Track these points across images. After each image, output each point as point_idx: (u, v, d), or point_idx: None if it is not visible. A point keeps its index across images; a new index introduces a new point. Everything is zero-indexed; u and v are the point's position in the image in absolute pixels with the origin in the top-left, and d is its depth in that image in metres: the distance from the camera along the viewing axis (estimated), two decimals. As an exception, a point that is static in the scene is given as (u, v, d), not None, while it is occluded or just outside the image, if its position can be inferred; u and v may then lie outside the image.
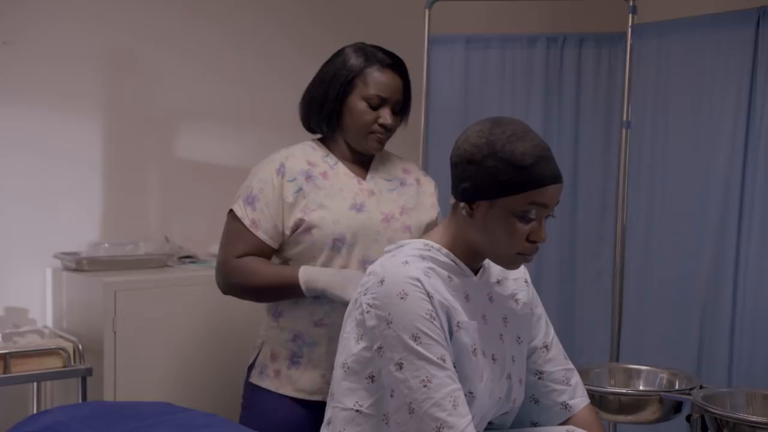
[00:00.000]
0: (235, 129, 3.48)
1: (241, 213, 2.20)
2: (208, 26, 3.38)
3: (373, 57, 2.21)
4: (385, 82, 2.19)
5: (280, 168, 2.22)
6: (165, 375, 2.82)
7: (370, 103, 2.19)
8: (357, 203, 2.18)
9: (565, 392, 1.84)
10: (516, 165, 1.58)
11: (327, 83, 2.24)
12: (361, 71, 2.19)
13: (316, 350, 2.17)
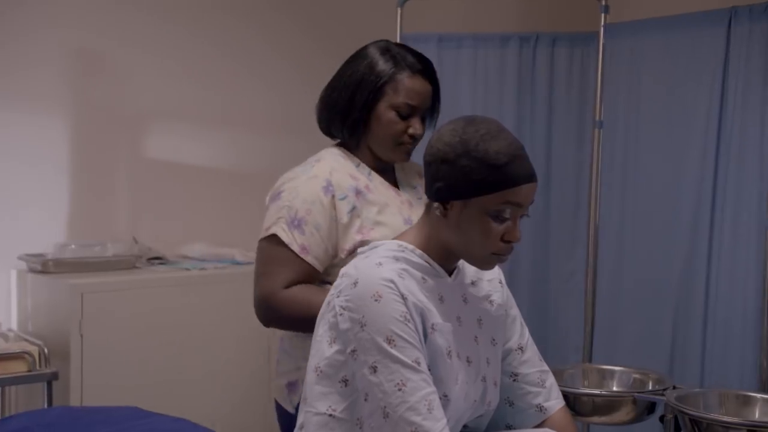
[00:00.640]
0: (206, 129, 3.46)
1: (288, 238, 1.99)
2: (178, 25, 3.35)
3: (403, 61, 2.05)
4: (416, 90, 2.05)
5: (327, 186, 2.02)
6: (134, 379, 2.78)
7: (399, 112, 2.05)
8: (405, 217, 2.06)
9: (540, 394, 1.82)
10: (490, 164, 1.56)
11: (353, 88, 2.07)
12: (391, 78, 2.04)
13: None
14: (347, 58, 2.16)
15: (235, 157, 3.56)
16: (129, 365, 2.78)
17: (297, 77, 3.67)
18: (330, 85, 2.15)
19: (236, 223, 3.51)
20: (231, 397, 3.09)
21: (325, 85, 2.19)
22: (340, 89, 2.10)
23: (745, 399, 2.52)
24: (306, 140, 3.72)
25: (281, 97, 3.65)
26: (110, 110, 3.21)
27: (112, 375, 2.73)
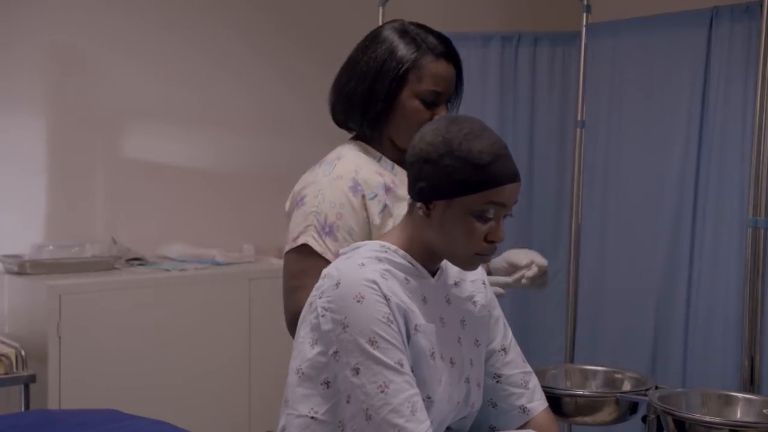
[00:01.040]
0: (184, 129, 3.44)
1: (320, 247, 1.83)
2: (156, 25, 3.33)
3: (424, 44, 1.91)
4: (441, 75, 1.91)
5: (354, 186, 1.88)
6: (112, 381, 2.76)
7: (424, 99, 1.90)
8: None
9: (523, 396, 1.81)
10: (473, 164, 1.55)
11: (372, 77, 1.91)
12: (414, 63, 1.89)
13: None
14: (360, 43, 1.99)
15: (214, 156, 3.54)
16: (108, 368, 2.76)
17: (275, 77, 3.65)
18: (344, 73, 1.99)
19: (216, 223, 3.49)
20: (211, 400, 3.07)
21: (337, 74, 2.03)
22: (357, 78, 1.94)
23: (727, 399, 2.52)
24: (284, 139, 3.73)
25: (260, 96, 3.63)
26: (88, 110, 3.18)
27: (91, 377, 2.70)
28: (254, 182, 3.64)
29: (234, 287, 3.16)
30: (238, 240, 3.48)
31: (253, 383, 3.17)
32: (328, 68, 3.72)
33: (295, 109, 3.73)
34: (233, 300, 3.15)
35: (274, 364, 3.00)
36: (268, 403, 3.06)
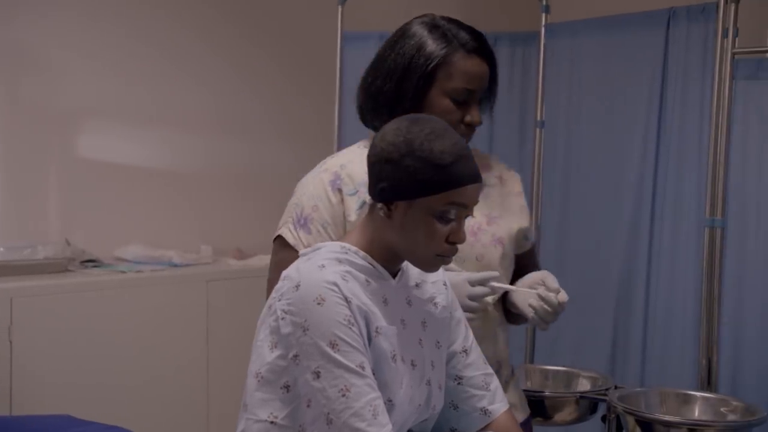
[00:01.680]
0: (140, 128, 3.40)
1: (293, 239, 1.84)
2: (111, 23, 3.29)
3: (455, 39, 1.83)
4: (473, 72, 1.81)
5: (334, 180, 1.85)
6: (66, 386, 2.73)
7: (455, 98, 1.82)
8: None
9: (484, 397, 1.80)
10: (435, 164, 1.54)
11: (400, 74, 1.84)
12: (444, 59, 1.81)
13: None
14: (388, 39, 1.92)
15: (171, 156, 3.50)
16: (61, 372, 2.71)
17: (233, 76, 3.62)
18: (371, 71, 1.92)
19: (173, 224, 3.45)
20: (168, 404, 3.04)
21: (366, 71, 1.94)
22: (384, 76, 1.87)
23: (685, 397, 2.55)
24: (243, 139, 3.70)
25: (217, 96, 3.59)
26: (41, 108, 3.12)
27: (44, 382, 2.66)
28: (212, 182, 3.61)
29: (191, 289, 3.14)
30: (196, 241, 3.44)
31: (211, 387, 3.15)
32: (287, 67, 3.73)
33: (254, 108, 3.70)
34: (191, 302, 3.13)
35: (232, 367, 2.98)
36: (226, 407, 3.03)
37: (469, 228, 1.85)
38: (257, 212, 3.71)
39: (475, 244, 1.87)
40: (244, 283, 3.24)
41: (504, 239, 1.89)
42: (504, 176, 1.97)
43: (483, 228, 1.88)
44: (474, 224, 1.88)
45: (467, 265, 1.86)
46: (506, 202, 1.93)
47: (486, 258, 1.87)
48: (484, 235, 1.88)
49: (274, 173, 3.77)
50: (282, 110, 3.76)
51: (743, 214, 2.98)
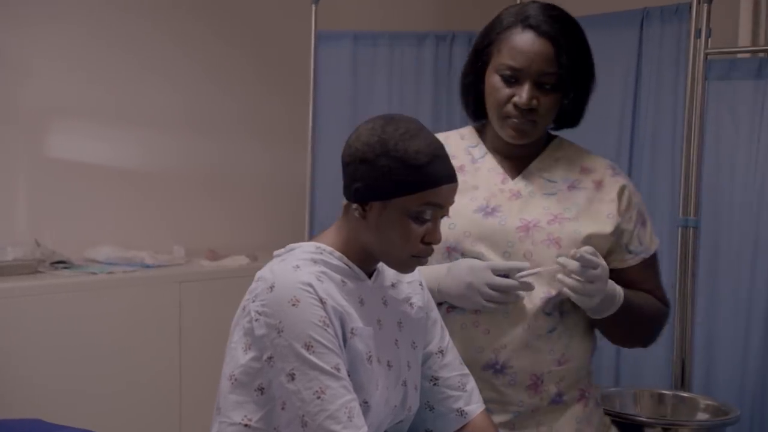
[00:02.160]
0: (110, 128, 3.37)
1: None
2: (80, 22, 3.26)
3: (521, 16, 1.76)
4: (521, 48, 1.73)
5: None
6: (37, 389, 2.69)
7: (502, 74, 1.75)
8: (489, 206, 1.81)
9: (460, 398, 1.79)
10: (410, 164, 1.53)
11: (470, 56, 1.83)
12: (498, 36, 1.76)
13: None
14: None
15: (142, 156, 3.46)
16: (32, 375, 2.68)
17: (205, 75, 3.59)
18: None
19: (144, 224, 3.42)
20: (140, 407, 3.01)
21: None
22: (465, 63, 1.86)
23: (659, 397, 2.56)
24: (214, 139, 3.67)
25: (188, 95, 3.57)
26: (9, 108, 3.09)
27: (14, 386, 2.63)
28: (183, 182, 3.57)
29: (163, 290, 3.11)
30: (168, 242, 3.41)
31: (183, 390, 3.12)
32: (259, 67, 3.71)
33: (227, 108, 3.68)
34: (163, 304, 3.10)
35: (205, 370, 2.95)
36: (199, 411, 3.01)
37: (525, 223, 1.80)
38: (230, 212, 3.69)
39: (524, 239, 1.79)
40: (218, 284, 3.22)
41: (562, 241, 1.78)
42: (605, 182, 1.85)
43: (540, 225, 1.79)
44: (531, 220, 1.81)
45: (514, 260, 1.78)
46: (592, 207, 1.82)
47: (535, 257, 1.77)
48: (538, 233, 1.79)
49: (248, 173, 3.75)
50: (255, 110, 3.74)
51: (717, 213, 2.99)
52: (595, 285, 1.69)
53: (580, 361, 1.85)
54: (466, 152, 1.91)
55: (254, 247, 3.56)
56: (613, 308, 1.77)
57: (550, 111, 1.77)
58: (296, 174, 3.50)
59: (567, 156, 1.88)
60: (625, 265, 1.85)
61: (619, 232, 1.82)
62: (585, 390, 1.89)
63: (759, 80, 2.89)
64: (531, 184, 1.84)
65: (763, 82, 2.88)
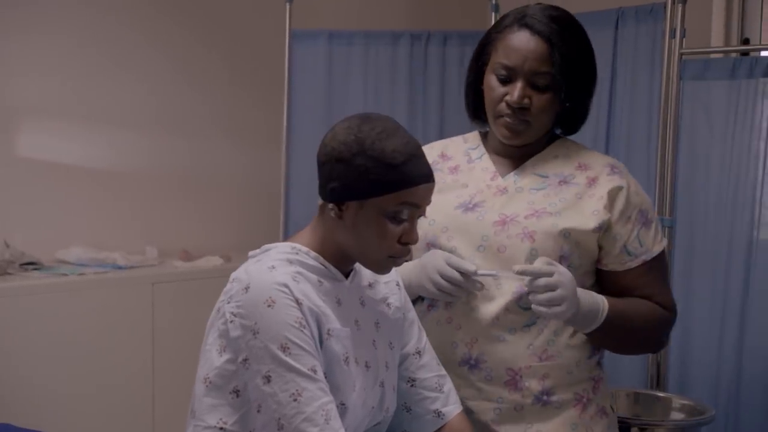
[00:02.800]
0: (81, 127, 3.33)
1: None
2: (51, 19, 3.22)
3: (519, 15, 1.75)
4: (514, 47, 1.72)
5: None
6: (6, 393, 2.67)
7: (498, 74, 1.74)
8: (471, 202, 1.81)
9: (438, 399, 1.79)
10: (386, 163, 1.52)
11: (472, 56, 1.83)
12: (497, 35, 1.76)
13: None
14: None
15: (113, 156, 3.42)
16: (2, 379, 2.64)
17: (178, 74, 3.56)
18: None
19: (116, 225, 3.39)
20: (113, 411, 2.99)
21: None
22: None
23: (635, 396, 2.56)
24: (186, 138, 3.63)
25: (161, 94, 3.53)
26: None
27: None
28: (157, 182, 3.54)
29: (136, 292, 3.09)
30: (140, 242, 3.38)
31: (157, 393, 3.09)
32: (233, 65, 3.68)
33: (199, 107, 3.64)
34: (136, 305, 3.08)
35: (179, 372, 2.93)
36: (173, 414, 2.98)
37: (503, 218, 1.78)
38: (204, 213, 3.66)
39: (500, 233, 1.76)
40: (192, 285, 3.19)
41: (536, 235, 1.74)
42: (600, 180, 1.80)
43: (517, 219, 1.77)
44: (510, 215, 1.78)
45: (488, 255, 1.76)
46: (578, 203, 1.78)
47: (509, 251, 1.75)
48: (513, 227, 1.76)
49: (221, 173, 3.72)
50: (228, 109, 3.71)
51: (692, 213, 3.01)
52: (557, 292, 1.65)
53: (569, 359, 1.79)
54: (464, 153, 1.91)
55: (228, 248, 3.53)
56: (597, 322, 1.73)
57: (543, 111, 1.75)
58: (271, 174, 3.48)
59: (566, 153, 1.86)
60: (624, 267, 1.80)
61: (609, 231, 1.78)
62: (584, 395, 1.82)
63: (733, 80, 2.90)
64: (522, 180, 1.83)
65: (737, 82, 2.90)
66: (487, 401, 1.80)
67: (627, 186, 1.80)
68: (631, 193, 1.81)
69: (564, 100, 1.77)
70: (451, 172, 1.88)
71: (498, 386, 1.79)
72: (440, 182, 1.80)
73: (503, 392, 1.79)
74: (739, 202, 2.93)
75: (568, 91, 1.76)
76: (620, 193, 1.79)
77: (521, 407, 1.79)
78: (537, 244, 1.74)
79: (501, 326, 1.77)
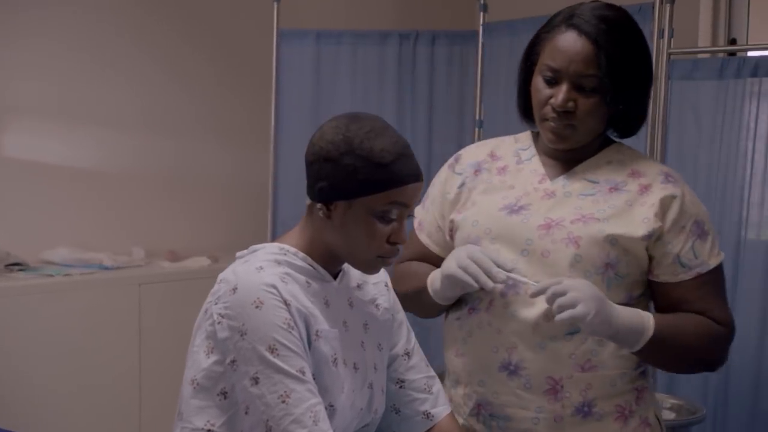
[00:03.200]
0: (67, 126, 3.32)
1: (417, 211, 1.89)
2: (37, 18, 3.20)
3: (568, 14, 1.69)
4: (560, 48, 1.66)
5: (456, 158, 1.87)
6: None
7: (544, 76, 1.69)
8: (517, 204, 1.75)
9: (427, 401, 1.78)
10: (375, 163, 1.52)
11: (522, 56, 1.78)
12: (545, 35, 1.71)
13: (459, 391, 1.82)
14: None
15: (100, 156, 3.40)
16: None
17: (164, 74, 3.54)
18: None
19: (102, 225, 3.37)
20: (99, 413, 2.98)
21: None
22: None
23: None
24: (173, 138, 3.62)
25: (147, 94, 3.52)
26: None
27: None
28: (143, 182, 3.52)
29: (123, 293, 3.07)
30: (127, 243, 3.36)
31: (143, 395, 3.08)
32: (220, 65, 3.66)
33: (186, 107, 3.63)
34: (122, 306, 3.07)
35: (166, 374, 2.92)
36: (159, 416, 2.97)
37: (548, 222, 1.72)
38: (191, 213, 3.64)
39: (544, 237, 1.70)
40: (178, 286, 3.18)
41: (581, 240, 1.68)
42: (653, 187, 1.73)
43: (562, 224, 1.70)
44: (556, 219, 1.72)
45: (531, 259, 1.70)
46: (629, 210, 1.71)
47: (553, 256, 1.68)
48: (558, 231, 1.69)
49: (209, 173, 3.70)
50: (215, 109, 3.69)
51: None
52: (568, 296, 1.59)
53: (613, 370, 1.71)
54: (514, 154, 1.84)
55: (215, 248, 3.52)
56: (642, 339, 1.66)
57: (589, 115, 1.68)
58: (258, 173, 3.46)
59: (620, 159, 1.78)
60: (677, 279, 1.72)
61: (661, 240, 1.71)
62: (626, 407, 1.74)
63: (721, 80, 2.91)
64: (571, 184, 1.76)
65: (725, 82, 2.90)
66: (525, 410, 1.72)
67: (682, 195, 1.73)
68: (686, 202, 1.73)
69: (612, 102, 1.69)
70: (499, 173, 1.82)
71: (537, 395, 1.71)
72: (487, 182, 1.80)
73: (542, 401, 1.70)
74: (727, 201, 2.93)
75: (618, 94, 1.68)
76: (674, 201, 1.71)
77: (561, 418, 1.71)
78: (582, 250, 1.68)
79: (542, 333, 1.69)
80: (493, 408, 1.74)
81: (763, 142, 2.88)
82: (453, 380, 1.83)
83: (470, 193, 1.81)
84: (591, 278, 1.66)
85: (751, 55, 3.08)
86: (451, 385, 1.84)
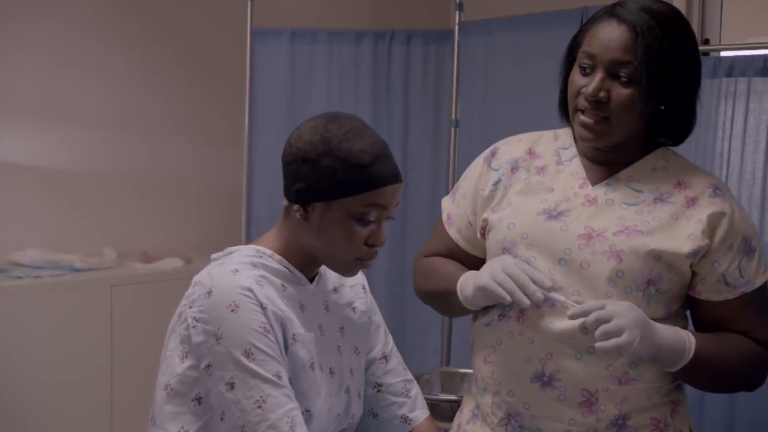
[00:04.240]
0: (38, 126, 3.28)
1: (445, 204, 1.84)
2: (6, 17, 3.14)
3: (612, 6, 1.63)
4: (599, 35, 1.60)
5: (493, 151, 1.79)
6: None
7: (581, 65, 1.62)
8: (556, 210, 1.67)
9: (405, 405, 1.79)
10: (354, 164, 1.50)
11: (565, 51, 1.72)
12: (587, 27, 1.65)
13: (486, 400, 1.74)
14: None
15: (69, 155, 3.36)
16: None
17: (135, 72, 3.50)
18: None
19: (73, 226, 3.32)
20: (69, 419, 2.94)
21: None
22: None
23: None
24: (144, 137, 3.57)
25: (118, 93, 3.48)
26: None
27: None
28: (114, 183, 3.48)
29: (94, 295, 3.03)
30: (98, 244, 3.32)
31: (115, 400, 3.05)
32: (193, 63, 3.62)
33: (158, 106, 3.59)
34: (93, 309, 3.03)
35: (138, 379, 2.89)
36: (132, 420, 2.95)
37: (589, 231, 1.64)
38: (163, 213, 3.60)
39: (584, 248, 1.62)
40: (151, 287, 3.14)
41: (624, 254, 1.60)
42: (700, 201, 1.64)
43: (604, 235, 1.62)
44: (598, 229, 1.63)
45: (569, 270, 1.62)
46: (674, 224, 1.63)
47: (592, 269, 1.60)
48: (600, 243, 1.61)
49: (181, 173, 3.66)
50: (188, 108, 3.65)
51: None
52: (612, 323, 1.52)
53: (651, 384, 1.65)
54: (554, 153, 1.76)
55: (189, 249, 3.48)
56: (683, 359, 1.60)
57: (624, 107, 1.60)
58: (232, 174, 3.43)
59: (666, 167, 1.70)
60: (721, 297, 1.65)
61: (707, 258, 1.63)
62: (661, 420, 1.67)
63: (714, 79, 2.90)
64: (613, 192, 1.68)
65: (717, 80, 2.90)
66: (557, 422, 1.64)
67: (731, 212, 1.64)
68: (735, 219, 1.64)
69: (650, 97, 1.60)
70: (537, 173, 1.73)
71: (571, 407, 1.63)
72: (524, 182, 1.73)
73: (576, 414, 1.63)
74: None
75: (656, 90, 1.60)
76: (723, 219, 1.63)
77: (594, 431, 1.64)
78: (624, 265, 1.59)
79: (578, 346, 1.61)
80: (524, 419, 1.66)
81: (738, 142, 2.88)
82: (481, 387, 1.74)
83: (506, 192, 1.73)
84: (631, 294, 1.59)
85: (725, 55, 3.08)
86: (478, 392, 1.76)
